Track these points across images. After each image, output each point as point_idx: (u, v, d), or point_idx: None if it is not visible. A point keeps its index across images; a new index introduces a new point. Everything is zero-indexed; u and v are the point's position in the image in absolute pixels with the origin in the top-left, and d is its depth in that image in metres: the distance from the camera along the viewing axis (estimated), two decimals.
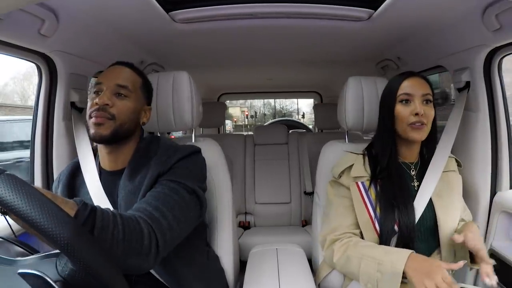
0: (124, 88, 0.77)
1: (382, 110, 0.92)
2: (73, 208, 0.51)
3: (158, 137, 0.86)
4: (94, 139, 0.75)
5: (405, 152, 0.92)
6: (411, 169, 0.92)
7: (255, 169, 2.05)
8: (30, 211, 0.37)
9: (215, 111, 2.18)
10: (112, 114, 0.75)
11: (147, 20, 1.01)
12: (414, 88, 0.86)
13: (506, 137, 1.04)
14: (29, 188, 0.39)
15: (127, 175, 0.77)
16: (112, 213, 0.57)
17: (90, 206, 0.54)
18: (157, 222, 0.63)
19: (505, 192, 1.04)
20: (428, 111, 0.85)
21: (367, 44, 1.31)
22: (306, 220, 1.97)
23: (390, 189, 0.86)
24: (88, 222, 0.52)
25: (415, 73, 0.89)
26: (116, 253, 0.55)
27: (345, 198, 0.91)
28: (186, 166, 0.77)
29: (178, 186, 0.72)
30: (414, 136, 0.85)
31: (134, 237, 0.58)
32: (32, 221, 0.37)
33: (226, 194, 1.03)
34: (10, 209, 0.37)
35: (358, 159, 0.94)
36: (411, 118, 0.84)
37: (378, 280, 0.75)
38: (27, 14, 0.79)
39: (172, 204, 0.68)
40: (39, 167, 1.01)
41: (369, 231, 0.86)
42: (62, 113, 1.02)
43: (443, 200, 0.87)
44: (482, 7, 0.87)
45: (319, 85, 2.76)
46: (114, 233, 0.55)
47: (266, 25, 1.09)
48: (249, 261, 1.08)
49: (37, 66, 0.99)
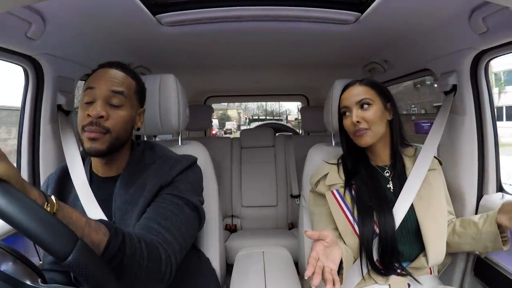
0: (118, 94, 0.73)
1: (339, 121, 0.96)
2: (105, 234, 0.51)
3: (150, 142, 0.86)
4: (90, 153, 0.72)
5: (373, 156, 0.94)
6: (385, 171, 0.93)
7: (242, 172, 2.05)
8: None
9: (201, 114, 2.18)
10: (107, 128, 0.71)
11: (134, 23, 1.01)
12: (349, 99, 0.90)
13: (492, 141, 1.04)
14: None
15: (123, 183, 0.76)
16: (137, 239, 0.57)
17: (120, 232, 0.54)
18: (172, 247, 0.64)
19: (491, 195, 1.03)
20: (365, 114, 0.87)
21: (354, 47, 1.31)
22: (293, 223, 1.98)
23: (365, 192, 0.87)
24: (120, 250, 0.52)
25: (351, 82, 0.93)
26: (138, 279, 0.56)
27: (324, 206, 0.93)
28: (187, 179, 0.77)
29: (181, 202, 0.72)
30: (360, 142, 0.89)
31: (156, 264, 0.59)
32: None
33: (213, 197, 1.03)
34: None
35: (333, 168, 0.96)
36: (352, 128, 0.88)
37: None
38: (14, 17, 0.78)
39: (179, 224, 0.69)
40: (26, 171, 1.01)
41: (349, 236, 0.86)
42: (49, 116, 1.02)
43: (423, 202, 0.87)
44: (469, 10, 0.87)
45: (306, 88, 2.76)
46: (140, 260, 0.56)
47: (252, 28, 1.09)
48: (235, 264, 1.09)
49: (24, 69, 0.99)
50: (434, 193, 0.90)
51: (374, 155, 0.94)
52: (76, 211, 0.50)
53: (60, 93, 1.04)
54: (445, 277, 1.03)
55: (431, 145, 0.95)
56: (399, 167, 0.92)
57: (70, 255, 0.39)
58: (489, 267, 0.95)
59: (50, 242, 0.38)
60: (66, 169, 0.83)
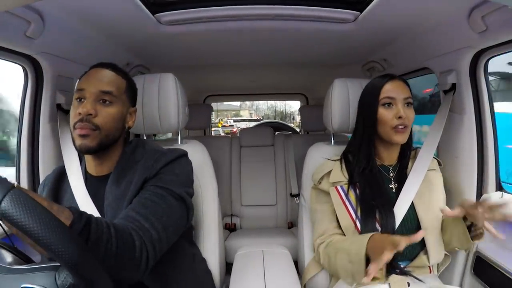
0: (108, 94, 0.75)
1: (362, 112, 0.93)
2: (68, 217, 0.51)
3: (143, 140, 0.86)
4: (80, 150, 0.74)
5: (384, 154, 0.93)
6: (390, 171, 0.93)
7: (241, 171, 2.05)
8: (36, 230, 0.38)
9: (201, 113, 2.17)
10: (96, 125, 0.72)
11: (133, 22, 1.01)
12: (396, 92, 0.87)
13: (492, 140, 1.03)
14: (33, 203, 0.39)
15: (113, 180, 0.76)
16: (106, 224, 0.56)
17: (85, 216, 0.54)
18: (148, 234, 0.63)
19: (491, 194, 1.03)
20: (409, 114, 0.86)
21: (353, 46, 1.31)
22: (292, 222, 1.97)
23: (369, 193, 0.87)
24: (83, 233, 0.52)
25: (396, 76, 0.91)
26: (108, 265, 0.55)
27: (326, 204, 0.93)
28: (173, 171, 0.76)
29: (165, 193, 0.71)
30: (398, 139, 0.86)
31: (127, 250, 0.58)
32: (38, 239, 0.38)
33: (212, 196, 1.03)
34: (17, 226, 0.38)
35: (336, 165, 0.95)
36: (395, 121, 0.86)
37: (352, 271, 0.77)
38: (13, 16, 0.79)
39: (161, 213, 0.68)
40: (25, 170, 1.01)
41: (351, 233, 0.86)
42: (48, 115, 1.02)
43: (424, 201, 0.88)
44: (468, 9, 0.87)
45: (305, 87, 2.76)
46: (107, 246, 0.55)
47: (252, 27, 1.09)
48: (235, 263, 1.09)
49: (23, 68, 0.99)
50: (434, 192, 0.90)
51: (386, 154, 0.93)
52: (38, 195, 0.49)
53: (60, 92, 1.04)
54: (444, 276, 1.03)
55: (431, 144, 0.95)
56: (404, 167, 0.92)
57: (2, 202, 0.37)
58: (489, 266, 0.95)
59: None
60: (62, 169, 0.84)
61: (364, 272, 0.72)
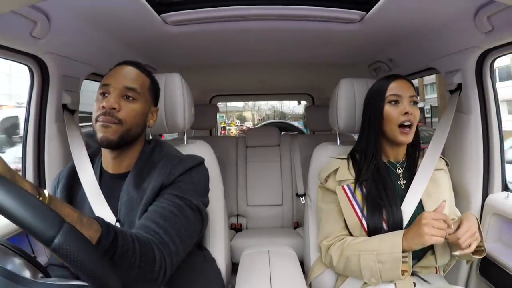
0: (132, 90, 0.76)
1: (368, 110, 0.94)
2: (97, 231, 0.51)
3: (161, 142, 0.86)
4: (101, 143, 0.74)
5: (390, 152, 0.94)
6: (397, 167, 0.93)
7: (247, 171, 2.04)
8: (85, 266, 0.39)
9: (207, 113, 2.17)
10: (119, 119, 0.73)
11: (139, 22, 1.01)
12: (402, 89, 0.88)
13: (498, 140, 1.04)
14: (84, 241, 0.40)
15: (132, 180, 0.76)
16: (131, 238, 0.57)
17: (112, 230, 0.54)
18: (167, 248, 0.64)
19: (497, 194, 1.04)
20: (415, 111, 0.87)
21: (359, 46, 1.31)
22: (298, 222, 1.97)
23: (376, 190, 0.87)
24: (111, 249, 0.52)
25: (401, 76, 0.92)
26: (129, 278, 0.56)
27: (333, 204, 0.93)
28: (191, 180, 0.76)
29: (182, 203, 0.71)
30: (402, 139, 0.88)
31: (148, 264, 0.59)
32: (84, 273, 0.39)
33: (218, 196, 1.03)
34: (68, 262, 0.38)
35: (343, 163, 0.95)
36: (401, 118, 0.87)
37: (381, 271, 0.78)
38: (19, 17, 0.79)
39: (179, 226, 0.68)
40: (31, 170, 1.01)
41: (358, 231, 0.87)
42: (54, 115, 1.02)
43: (432, 199, 0.88)
44: (474, 9, 0.87)
45: (311, 87, 2.76)
46: (131, 259, 0.55)
47: (258, 27, 1.09)
48: (241, 263, 1.08)
49: (29, 68, 0.99)
50: (441, 191, 0.90)
51: (394, 151, 0.93)
52: (68, 206, 0.49)
53: (65, 92, 1.04)
54: (450, 276, 1.03)
55: (438, 143, 0.96)
56: (412, 164, 0.92)
57: (56, 238, 0.37)
58: (495, 266, 0.95)
59: (36, 225, 0.37)
60: (74, 167, 0.84)
61: (401, 271, 0.76)
